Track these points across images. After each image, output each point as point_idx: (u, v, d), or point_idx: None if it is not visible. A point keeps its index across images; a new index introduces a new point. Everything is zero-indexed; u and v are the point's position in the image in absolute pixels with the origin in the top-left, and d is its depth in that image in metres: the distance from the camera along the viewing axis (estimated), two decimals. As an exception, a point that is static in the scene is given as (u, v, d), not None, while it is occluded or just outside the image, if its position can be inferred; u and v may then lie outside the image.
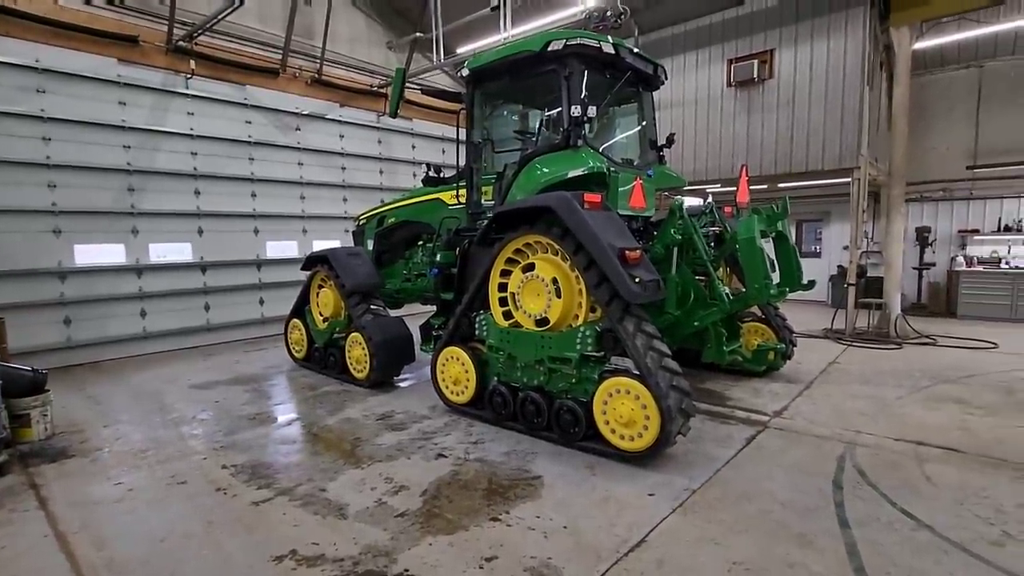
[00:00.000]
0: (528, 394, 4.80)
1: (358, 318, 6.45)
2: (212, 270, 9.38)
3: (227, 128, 9.49)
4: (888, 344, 8.34)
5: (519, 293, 4.77)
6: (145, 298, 8.63)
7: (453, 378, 5.41)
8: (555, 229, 4.51)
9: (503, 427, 5.05)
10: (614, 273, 4.04)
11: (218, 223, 9.44)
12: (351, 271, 6.65)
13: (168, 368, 7.74)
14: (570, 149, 5.17)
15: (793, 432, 4.86)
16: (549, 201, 4.40)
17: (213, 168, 9.32)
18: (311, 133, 10.75)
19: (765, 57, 9.44)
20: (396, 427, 5.16)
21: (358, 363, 6.53)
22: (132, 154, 8.43)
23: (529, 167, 5.42)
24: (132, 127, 8.40)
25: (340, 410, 5.72)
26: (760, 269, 4.74)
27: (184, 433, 5.10)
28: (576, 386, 4.55)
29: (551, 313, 4.53)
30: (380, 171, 12.06)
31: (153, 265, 8.70)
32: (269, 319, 10.09)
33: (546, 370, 4.67)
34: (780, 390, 6.11)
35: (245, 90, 9.71)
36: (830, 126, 8.83)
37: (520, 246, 4.85)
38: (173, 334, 8.92)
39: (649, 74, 5.93)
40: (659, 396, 3.94)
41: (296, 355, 7.71)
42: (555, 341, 4.51)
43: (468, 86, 6.08)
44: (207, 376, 7.22)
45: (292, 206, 10.53)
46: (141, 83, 8.46)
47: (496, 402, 5.07)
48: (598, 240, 4.12)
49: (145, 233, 8.61)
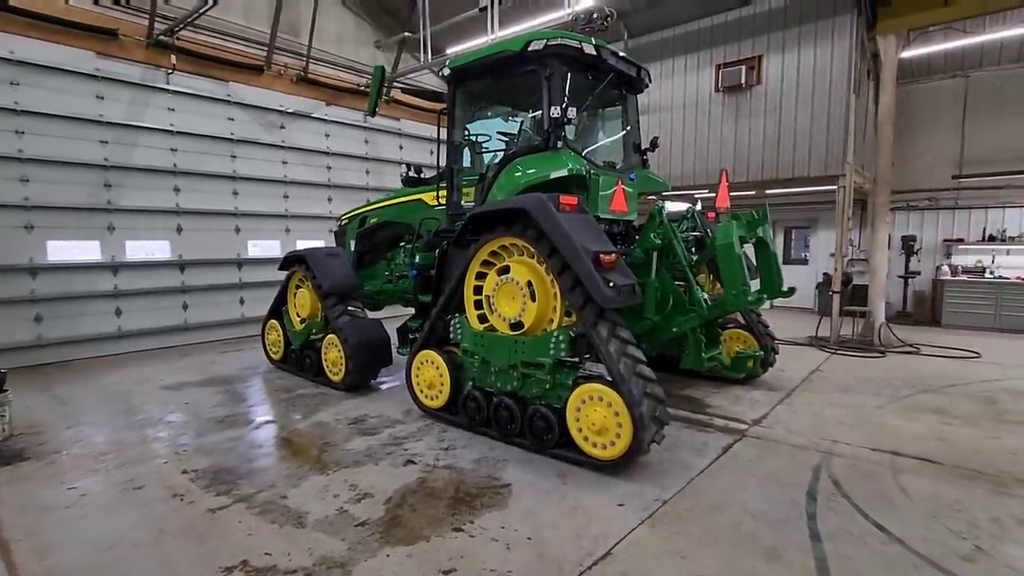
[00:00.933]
0: (502, 399, 4.70)
1: (335, 320, 6.33)
2: (191, 269, 9.22)
3: (209, 125, 9.35)
4: (871, 352, 8.31)
5: (494, 296, 4.67)
6: (120, 296, 8.45)
7: (428, 382, 5.31)
8: (530, 231, 4.43)
9: (476, 433, 4.94)
10: (588, 277, 3.95)
11: (198, 221, 9.28)
12: (328, 271, 6.53)
13: (141, 368, 7.57)
14: (550, 150, 5.09)
15: (771, 441, 4.79)
16: (524, 203, 4.32)
17: (194, 165, 9.17)
18: (296, 132, 10.62)
19: (753, 63, 9.43)
20: (367, 432, 5.05)
21: (334, 365, 6.41)
22: (109, 149, 8.27)
23: (509, 168, 5.34)
24: (109, 122, 8.24)
25: (313, 413, 5.59)
26: (737, 275, 4.67)
27: (148, 436, 4.95)
28: (550, 392, 4.46)
29: (525, 317, 4.44)
30: (367, 171, 11.94)
31: (129, 263, 8.53)
32: (249, 319, 9.93)
33: (520, 375, 4.57)
34: (761, 398, 6.04)
35: (228, 87, 9.57)
36: (816, 133, 8.82)
37: (496, 248, 4.76)
38: (149, 333, 8.75)
39: (633, 77, 5.87)
40: (632, 403, 3.86)
41: (273, 356, 7.57)
42: (529, 346, 4.42)
43: (450, 86, 6.00)
44: (180, 377, 7.06)
45: (275, 205, 10.39)
46: (120, 77, 8.31)
47: (470, 407, 4.97)
48: (572, 243, 4.04)
49: (121, 230, 8.45)
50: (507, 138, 6.75)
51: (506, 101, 6.59)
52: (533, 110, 6.61)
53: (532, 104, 6.36)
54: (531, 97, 6.23)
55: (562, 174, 4.91)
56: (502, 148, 6.17)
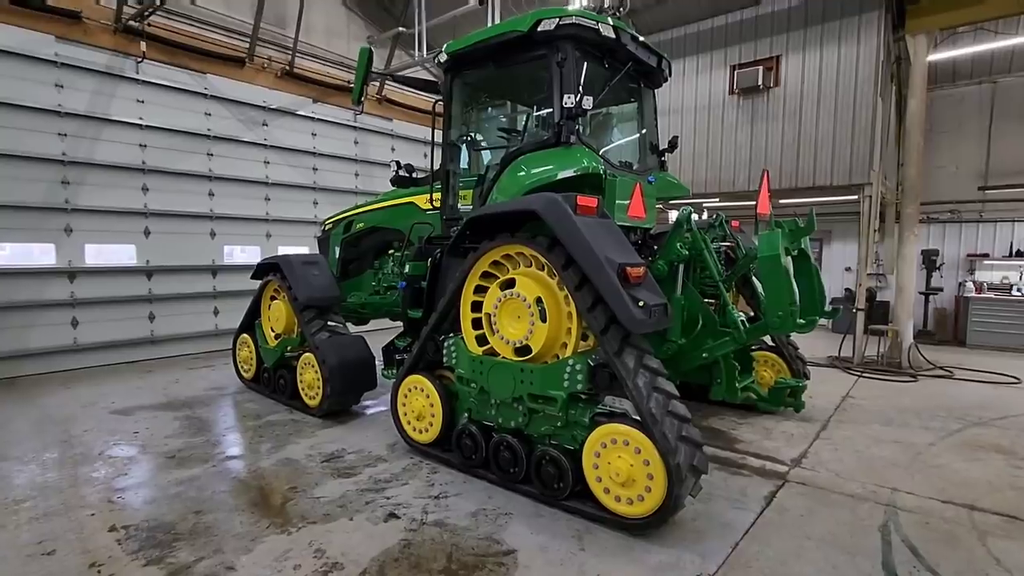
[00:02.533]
0: (503, 438, 3.95)
1: (312, 336, 5.57)
2: (160, 276, 8.41)
3: (183, 120, 8.59)
4: (902, 376, 7.64)
5: (495, 314, 3.93)
6: (78, 305, 7.63)
7: (416, 412, 4.55)
8: (540, 238, 3.72)
9: (472, 475, 4.19)
10: (613, 294, 3.24)
11: (168, 223, 8.49)
12: (305, 281, 5.77)
13: (95, 387, 6.74)
14: (562, 146, 4.40)
15: (819, 488, 4.07)
16: (534, 204, 3.60)
17: (165, 163, 8.40)
18: (279, 129, 9.88)
19: (771, 64, 8.83)
20: (343, 472, 4.27)
21: (310, 388, 5.63)
22: (69, 143, 7.49)
23: (513, 167, 4.65)
24: (70, 112, 7.47)
25: (282, 447, 4.81)
26: (786, 293, 3.97)
27: (81, 476, 4.15)
28: (562, 431, 3.72)
29: (534, 340, 3.71)
30: (355, 173, 11.21)
31: (89, 268, 7.72)
32: (224, 331, 9.11)
33: (526, 410, 3.83)
34: (794, 430, 5.33)
35: (205, 79, 8.83)
36: (840, 139, 8.21)
37: (499, 258, 4.02)
38: (109, 347, 7.92)
39: (652, 67, 5.20)
40: (666, 451, 3.13)
41: (244, 375, 6.77)
42: (538, 375, 3.68)
43: (446, 75, 5.31)
44: (135, 398, 6.25)
45: (255, 208, 9.62)
46: (82, 64, 7.55)
47: (465, 445, 4.21)
48: (593, 253, 3.32)
49: (81, 232, 7.64)
50: (508, 135, 6.08)
51: (509, 93, 5.91)
52: (539, 106, 5.94)
53: (539, 99, 5.68)
54: (538, 89, 5.56)
55: (574, 173, 4.21)
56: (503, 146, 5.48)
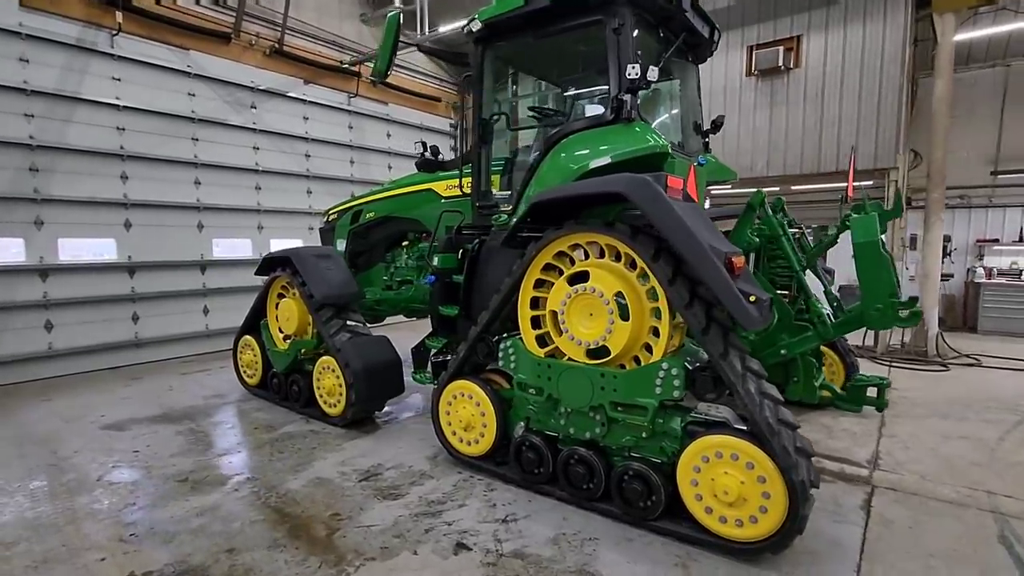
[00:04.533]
0: (574, 450, 3.51)
1: (331, 337, 5.01)
2: (143, 272, 7.66)
3: (165, 100, 7.81)
4: (931, 365, 7.48)
5: (563, 313, 3.47)
6: (52, 307, 6.86)
7: (464, 422, 4.06)
8: (620, 225, 3.27)
9: (535, 491, 3.74)
10: (725, 289, 2.81)
11: (151, 215, 7.73)
12: (321, 277, 5.20)
13: (77, 397, 6.04)
14: (621, 123, 3.95)
15: (911, 494, 3.76)
16: (618, 185, 3.14)
17: (146, 148, 7.62)
18: (269, 112, 9.14)
19: (791, 44, 8.52)
20: (388, 493, 3.77)
21: (330, 395, 5.08)
22: (37, 125, 6.68)
23: (560, 148, 4.19)
24: (37, 91, 6.65)
25: (308, 464, 4.27)
26: (886, 284, 3.61)
27: (80, 509, 3.55)
28: (647, 443, 3.30)
29: (613, 341, 3.27)
30: (351, 160, 10.53)
31: (63, 265, 6.94)
32: (216, 332, 8.43)
33: (604, 419, 3.39)
34: (854, 428, 5.03)
35: (188, 56, 8.05)
36: (865, 122, 7.96)
37: (565, 248, 3.55)
38: (89, 352, 7.16)
39: (703, 39, 4.79)
40: (788, 466, 2.74)
41: (248, 381, 6.16)
42: (623, 381, 3.24)
43: (477, 46, 4.80)
44: (127, 410, 5.58)
45: (246, 197, 8.89)
46: (50, 36, 6.72)
47: (527, 458, 3.75)
48: (697, 241, 2.89)
49: (53, 225, 6.85)
50: (543, 114, 5.60)
51: (547, 67, 5.37)
52: (576, 84, 5.46)
53: (581, 75, 5.20)
54: (580, 63, 5.10)
55: (638, 153, 3.77)
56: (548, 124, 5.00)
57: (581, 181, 3.39)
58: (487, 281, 4.37)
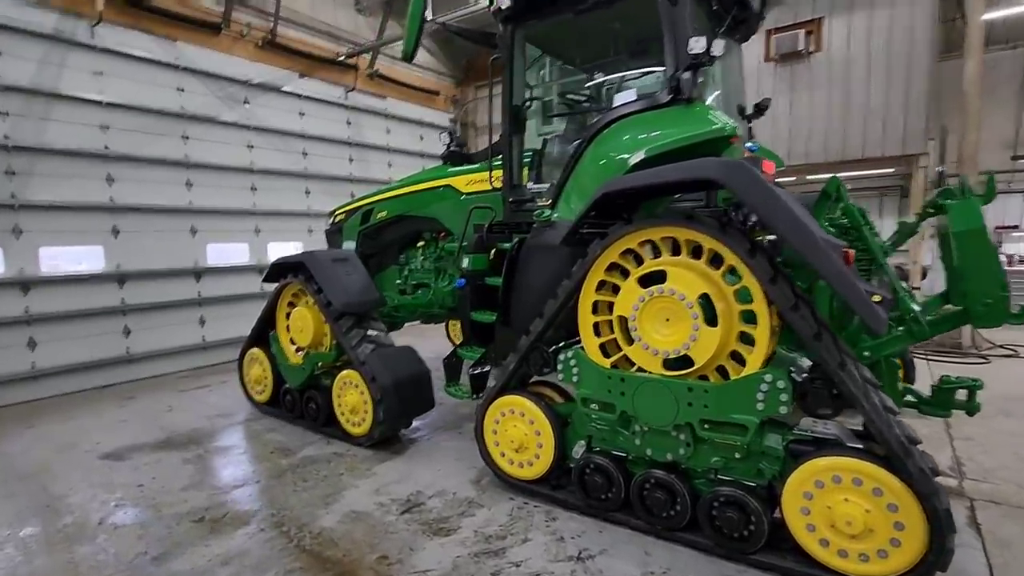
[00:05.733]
0: (651, 474, 3.10)
1: (353, 349, 4.54)
2: (133, 282, 7.08)
3: (151, 96, 7.23)
4: (969, 358, 7.21)
5: (635, 319, 3.05)
6: (34, 322, 6.27)
7: (516, 442, 3.62)
8: (706, 217, 2.87)
9: (599, 519, 3.32)
10: (849, 289, 2.42)
11: (141, 220, 7.15)
12: (339, 283, 4.72)
13: (67, 422, 5.48)
14: (678, 105, 3.56)
15: (1016, 507, 3.43)
16: (710, 170, 2.72)
17: (133, 148, 7.04)
18: (263, 108, 8.59)
19: (812, 27, 8.20)
20: (438, 528, 3.32)
21: (353, 413, 4.61)
22: (12, 124, 6.08)
23: (609, 134, 3.79)
24: (11, 87, 6.05)
25: (338, 494, 3.80)
26: (994, 276, 3.24)
27: (83, 561, 3.05)
28: (740, 464, 2.90)
29: (698, 350, 2.86)
30: (350, 158, 10.00)
31: (46, 277, 6.35)
32: (212, 344, 7.87)
33: (689, 439, 2.98)
34: (921, 429, 4.67)
35: (176, 48, 7.47)
36: (892, 106, 7.68)
37: (634, 245, 3.13)
38: (77, 369, 6.58)
39: (751, 14, 4.41)
40: (928, 492, 2.37)
41: (257, 398, 5.65)
42: (715, 396, 2.83)
43: (506, 25, 4.37)
44: (126, 435, 5.05)
45: (241, 199, 8.33)
46: (25, 27, 6.12)
47: (593, 483, 3.32)
48: (810, 234, 2.50)
49: (33, 233, 6.26)
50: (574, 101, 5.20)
51: (585, 51, 4.90)
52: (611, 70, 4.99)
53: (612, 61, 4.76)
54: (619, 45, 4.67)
55: (704, 136, 3.39)
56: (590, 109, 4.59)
57: (660, 168, 2.97)
58: (530, 284, 3.94)
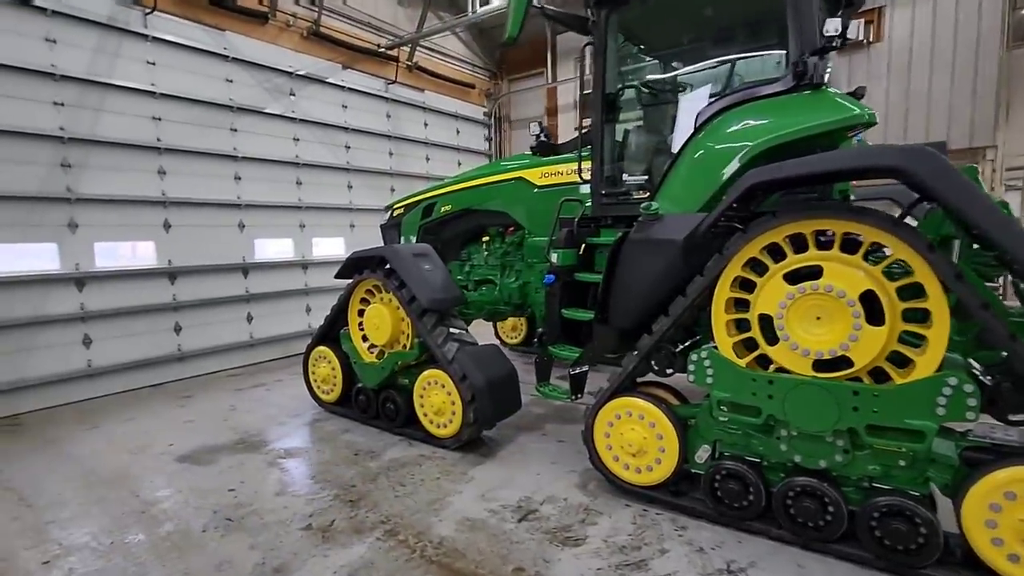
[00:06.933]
0: (797, 482, 2.92)
1: (439, 348, 4.37)
2: (184, 278, 6.92)
3: (202, 87, 7.05)
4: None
5: (781, 317, 2.88)
6: (89, 319, 6.11)
7: (634, 447, 3.45)
8: (874, 210, 2.69)
9: (738, 530, 3.15)
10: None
11: (191, 214, 6.98)
12: (424, 280, 4.54)
13: (128, 423, 5.31)
14: (807, 90, 3.38)
15: None
16: (893, 157, 2.54)
17: (184, 140, 6.86)
18: (308, 100, 8.40)
19: (871, 16, 7.98)
20: (563, 537, 3.15)
21: (439, 415, 4.44)
22: (67, 115, 5.90)
23: (722, 122, 3.62)
24: (66, 75, 5.87)
25: (443, 499, 3.64)
26: None
27: (200, 571, 2.88)
28: (903, 472, 2.72)
29: (858, 350, 2.68)
30: (389, 152, 9.81)
31: (101, 272, 6.18)
32: (259, 342, 7.72)
33: (848, 445, 2.81)
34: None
35: (225, 37, 7.28)
36: (959, 97, 7.47)
37: (780, 239, 2.95)
38: (130, 368, 6.42)
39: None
40: None
41: (324, 397, 5.48)
42: (887, 400, 2.64)
43: (598, 9, 4.20)
44: (197, 437, 4.89)
45: (287, 193, 8.16)
46: (79, 13, 5.93)
47: (728, 489, 3.15)
48: (1016, 229, 2.32)
49: (88, 228, 6.09)
50: (659, 91, 5.00)
51: (673, 37, 4.70)
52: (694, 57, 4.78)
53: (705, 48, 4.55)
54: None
55: (841, 124, 3.20)
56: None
57: (830, 154, 2.80)
58: (636, 280, 3.75)
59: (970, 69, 7.37)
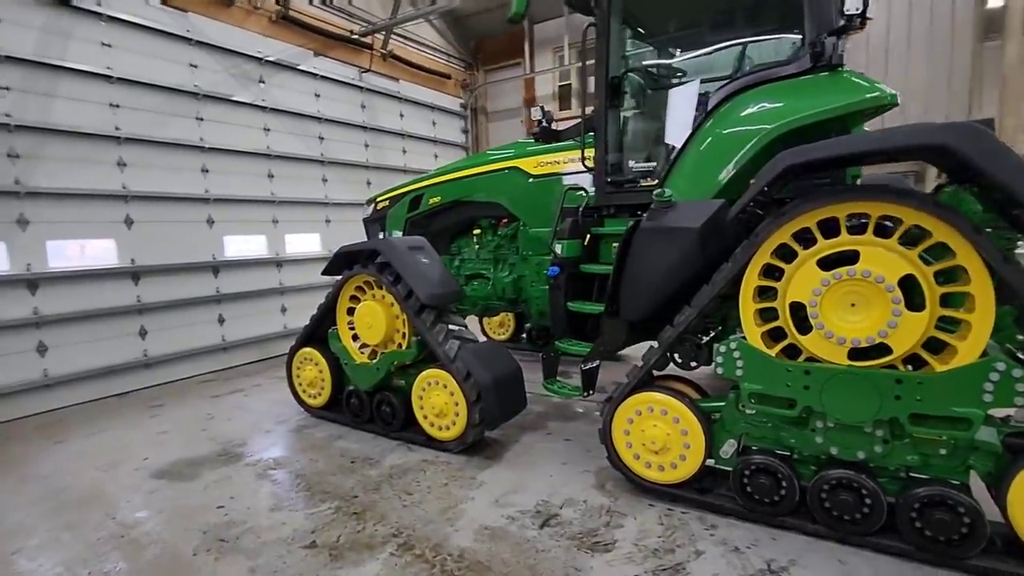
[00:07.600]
0: (832, 475, 2.82)
1: (440, 346, 4.13)
2: (149, 278, 6.42)
3: (163, 71, 6.54)
4: None
5: (815, 305, 2.77)
6: (44, 325, 5.58)
7: (657, 443, 3.30)
8: (911, 190, 2.60)
9: (767, 525, 3.05)
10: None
11: (155, 209, 6.48)
12: (421, 274, 4.28)
13: (96, 436, 4.87)
14: (825, 70, 3.29)
15: None
16: (942, 135, 2.44)
17: (145, 129, 6.35)
18: (278, 88, 7.95)
19: (850, 8, 8.06)
20: (591, 543, 2.98)
21: (441, 416, 4.20)
22: (14, 100, 5.35)
23: (735, 105, 3.51)
24: (12, 57, 5.32)
25: (455, 507, 3.41)
26: None
27: (195, 604, 2.58)
28: (942, 461, 2.66)
29: (898, 338, 2.60)
30: (365, 144, 9.42)
31: (55, 273, 5.66)
32: (233, 344, 7.27)
33: (888, 435, 2.73)
34: None
35: (187, 19, 6.78)
36: (934, 88, 7.63)
37: (812, 224, 2.83)
38: (92, 376, 5.91)
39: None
40: None
41: (311, 402, 5.15)
42: (931, 388, 2.56)
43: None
44: (173, 449, 4.50)
45: (258, 187, 7.70)
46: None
47: (758, 484, 3.03)
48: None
49: (40, 225, 5.56)
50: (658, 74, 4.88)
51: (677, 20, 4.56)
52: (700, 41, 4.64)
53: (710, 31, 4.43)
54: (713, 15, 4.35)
55: (863, 105, 3.11)
56: (713, 78, 4.24)
57: (875, 133, 2.69)
58: (650, 270, 3.60)
59: (945, 63, 7.54)
